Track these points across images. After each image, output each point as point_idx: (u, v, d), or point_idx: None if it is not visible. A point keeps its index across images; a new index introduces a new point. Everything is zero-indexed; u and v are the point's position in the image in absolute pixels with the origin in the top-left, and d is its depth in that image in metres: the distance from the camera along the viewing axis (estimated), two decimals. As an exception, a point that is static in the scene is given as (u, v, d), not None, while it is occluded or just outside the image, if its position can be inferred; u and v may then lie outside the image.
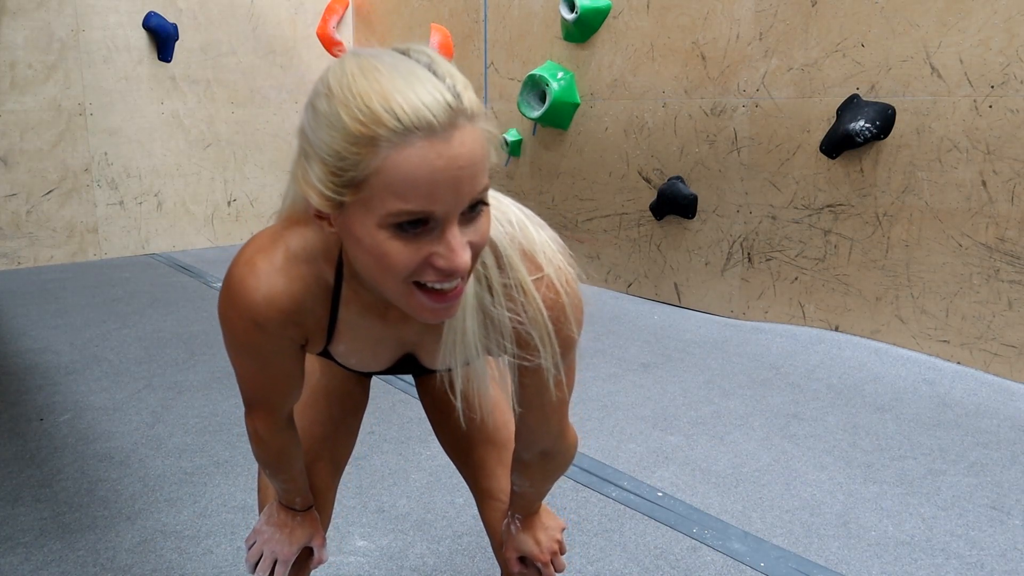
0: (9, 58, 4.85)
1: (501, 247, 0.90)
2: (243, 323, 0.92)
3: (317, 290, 0.93)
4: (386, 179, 0.72)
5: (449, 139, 0.72)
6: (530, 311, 0.91)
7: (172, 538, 1.96)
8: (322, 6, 5.92)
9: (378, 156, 0.72)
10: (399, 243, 0.75)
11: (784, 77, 3.37)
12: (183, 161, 5.55)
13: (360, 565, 1.85)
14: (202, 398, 2.86)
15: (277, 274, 0.90)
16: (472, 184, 0.74)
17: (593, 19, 4.06)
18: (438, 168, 0.72)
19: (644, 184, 4.02)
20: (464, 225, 0.77)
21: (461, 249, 0.75)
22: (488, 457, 1.28)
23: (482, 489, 1.28)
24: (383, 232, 0.75)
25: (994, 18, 2.74)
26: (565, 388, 1.02)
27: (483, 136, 0.76)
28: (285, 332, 0.94)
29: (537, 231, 0.93)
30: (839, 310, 3.33)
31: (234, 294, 0.92)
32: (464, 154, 0.73)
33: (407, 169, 0.72)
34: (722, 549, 1.90)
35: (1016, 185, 2.76)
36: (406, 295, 0.80)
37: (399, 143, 0.71)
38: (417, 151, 0.71)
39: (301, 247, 0.92)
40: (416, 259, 0.76)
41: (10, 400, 2.84)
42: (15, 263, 5.05)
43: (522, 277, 0.90)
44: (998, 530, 1.98)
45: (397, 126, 0.71)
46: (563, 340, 0.94)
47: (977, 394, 2.78)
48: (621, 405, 2.80)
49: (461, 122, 0.73)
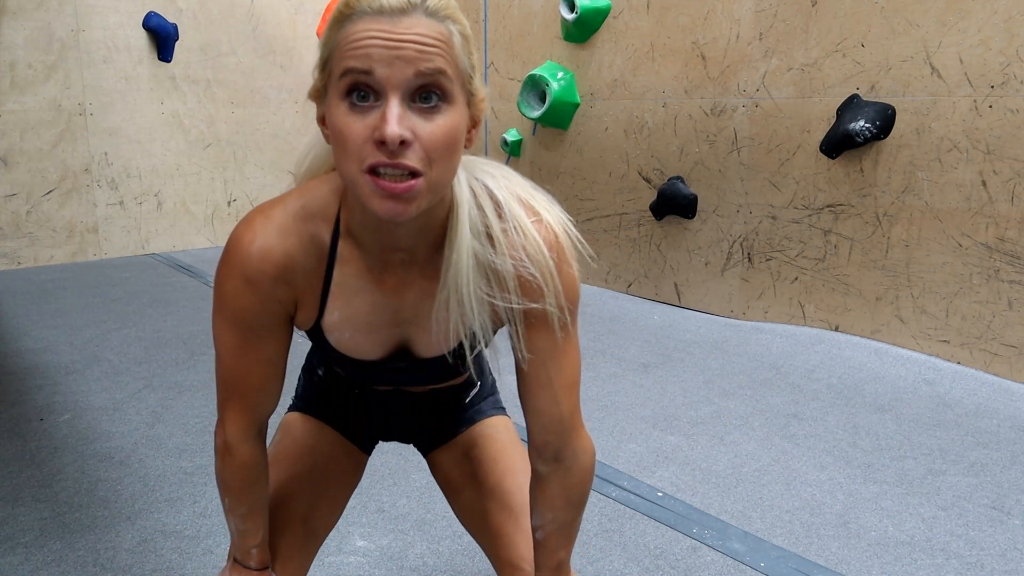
0: (9, 58, 4.85)
1: (500, 196, 0.94)
2: (234, 281, 0.94)
3: (312, 248, 0.96)
4: (340, 48, 0.82)
5: (396, 21, 0.80)
6: (531, 249, 0.93)
7: (172, 538, 1.96)
8: (322, 6, 5.91)
9: (340, 32, 0.82)
10: (350, 117, 0.81)
11: (784, 77, 3.37)
12: (183, 161, 5.55)
13: (360, 565, 1.85)
14: (202, 398, 2.86)
15: (273, 229, 0.94)
16: (418, 61, 0.80)
17: (593, 19, 4.06)
18: (377, 35, 0.79)
19: (644, 184, 4.02)
20: (417, 114, 0.81)
21: (394, 120, 0.79)
22: (505, 524, 1.20)
23: (502, 560, 1.20)
24: (342, 105, 0.82)
25: (994, 18, 2.74)
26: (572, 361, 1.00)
27: (443, 32, 0.82)
28: (276, 292, 0.96)
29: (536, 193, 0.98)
30: (839, 310, 3.34)
31: (230, 250, 0.95)
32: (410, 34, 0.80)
33: (351, 35, 0.81)
34: (722, 549, 1.90)
35: (1016, 185, 2.76)
36: (362, 184, 0.83)
37: (355, 19, 0.81)
38: (363, 23, 0.80)
39: (299, 206, 0.96)
40: (362, 131, 0.81)
41: (10, 400, 2.84)
42: (15, 263, 5.05)
43: (521, 217, 0.94)
44: (998, 530, 1.98)
45: (356, 6, 0.81)
46: (565, 278, 0.95)
47: (977, 394, 2.78)
48: (621, 405, 2.80)
49: (415, 13, 0.80)
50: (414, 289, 0.99)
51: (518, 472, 1.23)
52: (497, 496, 1.22)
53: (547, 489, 1.06)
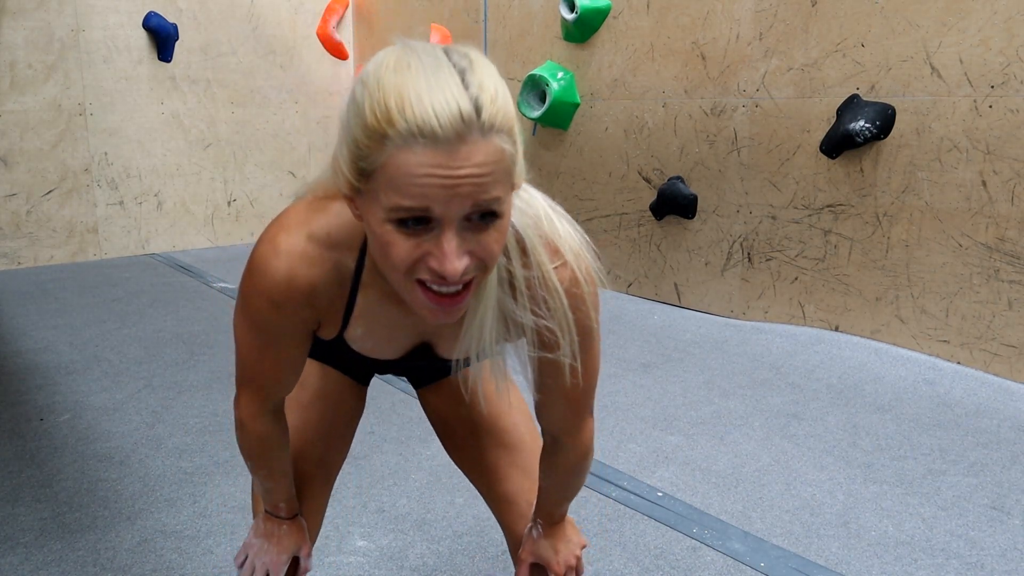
0: (9, 58, 4.85)
1: (528, 243, 0.92)
2: (261, 300, 0.95)
3: (336, 276, 0.96)
4: (388, 175, 0.75)
5: (453, 152, 0.73)
6: (550, 298, 0.93)
7: (172, 538, 1.96)
8: (322, 6, 5.92)
9: (384, 152, 0.74)
10: (401, 237, 0.77)
11: (784, 77, 3.37)
12: (183, 161, 5.55)
13: (360, 565, 1.85)
14: (202, 398, 2.86)
15: (298, 257, 0.93)
16: (475, 194, 0.75)
17: (593, 19, 4.06)
18: (436, 174, 0.73)
19: (644, 184, 4.02)
20: (468, 232, 0.78)
21: (453, 255, 0.76)
22: (500, 460, 1.26)
23: (497, 494, 1.26)
24: (386, 226, 0.77)
25: (994, 18, 2.74)
26: (586, 377, 1.03)
27: (498, 151, 0.76)
28: (300, 314, 0.97)
29: (561, 223, 0.96)
30: (839, 310, 3.34)
31: (256, 272, 0.95)
32: (468, 166, 0.73)
33: (406, 170, 0.73)
34: (722, 549, 1.90)
35: (1016, 185, 2.76)
36: (409, 290, 0.82)
37: (403, 145, 0.73)
38: (416, 156, 0.73)
39: (325, 233, 0.94)
40: (414, 255, 0.78)
41: (10, 400, 2.84)
42: (15, 263, 5.05)
43: (545, 266, 0.92)
44: (998, 530, 1.98)
45: (403, 128, 0.72)
46: (581, 327, 0.96)
47: (977, 394, 2.78)
48: (621, 405, 2.80)
49: (472, 136, 0.73)
50: None
51: (513, 411, 1.27)
52: (494, 434, 1.27)
53: (548, 459, 1.14)
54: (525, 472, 1.25)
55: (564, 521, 1.22)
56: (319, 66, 5.98)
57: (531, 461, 1.25)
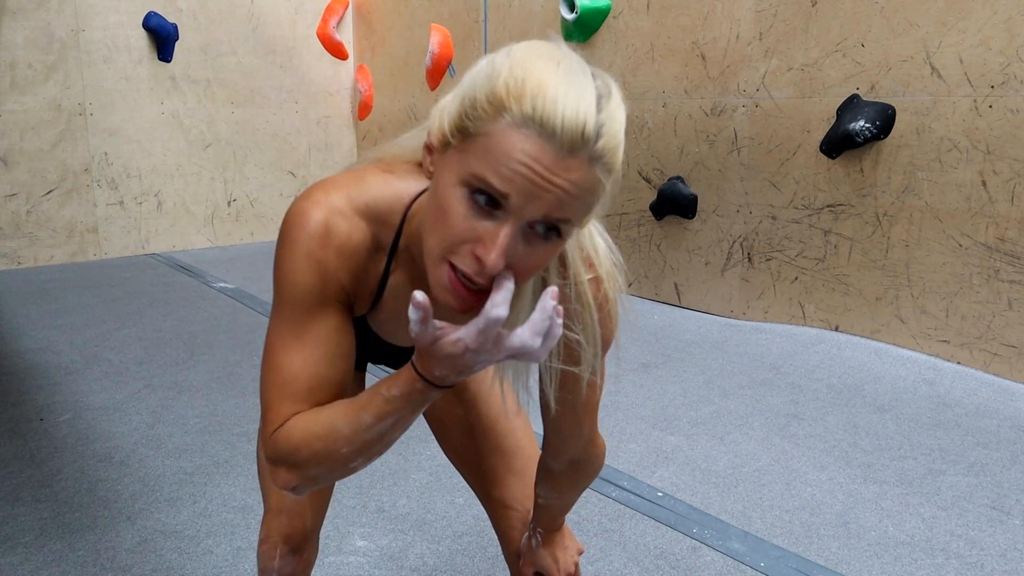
0: (9, 58, 4.85)
1: (568, 254, 0.91)
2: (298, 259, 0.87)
3: (372, 247, 0.92)
4: (489, 145, 0.74)
5: (560, 158, 0.72)
6: (582, 311, 0.92)
7: (172, 538, 1.96)
8: (322, 6, 5.92)
9: (497, 123, 0.73)
10: (464, 207, 0.76)
11: (784, 77, 3.37)
12: (183, 161, 5.55)
13: (360, 565, 1.85)
14: (202, 398, 2.86)
15: (336, 213, 0.89)
16: (555, 207, 0.74)
17: (593, 19, 4.06)
18: (534, 168, 0.73)
19: (644, 184, 4.02)
20: (526, 240, 0.76)
21: (503, 249, 0.75)
22: (497, 465, 1.26)
23: (494, 499, 1.26)
24: (459, 190, 0.76)
25: (994, 18, 2.74)
26: (598, 391, 1.03)
27: (594, 181, 0.75)
28: (338, 273, 0.89)
29: (600, 240, 0.95)
30: (839, 310, 3.33)
31: (291, 226, 0.88)
32: (564, 178, 0.73)
33: (508, 148, 0.73)
34: (722, 549, 1.90)
35: (1016, 185, 2.76)
36: (437, 266, 0.79)
37: (519, 126, 0.73)
38: (526, 143, 0.72)
39: (363, 203, 0.91)
40: (467, 233, 0.76)
41: (10, 400, 2.84)
42: (15, 263, 5.05)
43: (580, 277, 0.91)
44: (998, 530, 1.98)
45: (528, 112, 0.72)
46: (606, 341, 0.97)
47: (977, 394, 2.78)
48: (621, 405, 2.80)
49: (581, 154, 0.73)
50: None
51: (511, 415, 1.27)
52: (490, 438, 1.26)
53: (557, 478, 1.13)
54: (522, 478, 1.25)
55: (562, 529, 1.23)
56: (319, 66, 5.98)
57: (528, 467, 1.25)
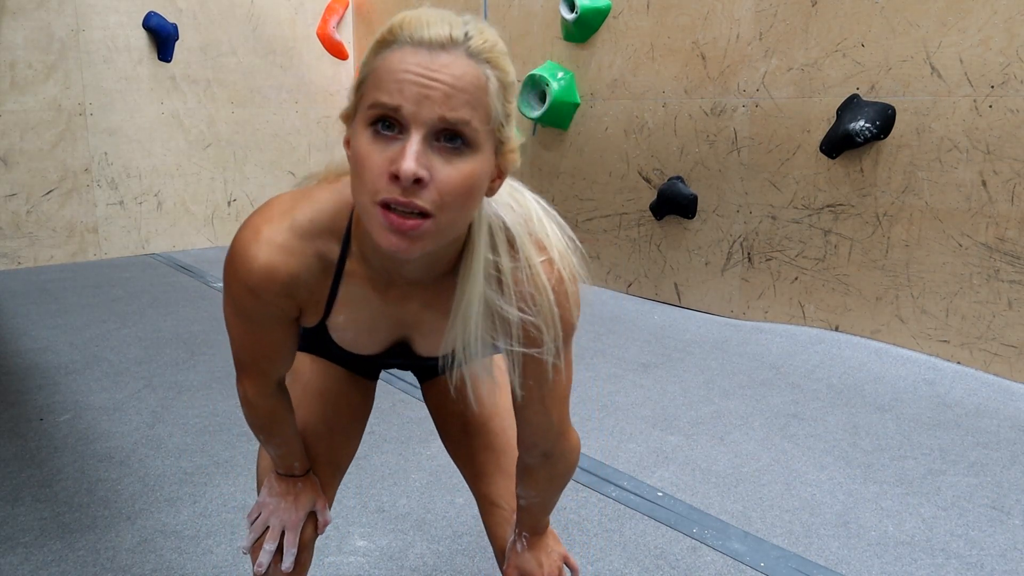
0: (9, 58, 4.85)
1: (517, 238, 0.95)
2: (240, 288, 0.97)
3: (317, 266, 0.98)
4: (374, 77, 0.82)
5: (434, 56, 0.79)
6: (536, 293, 0.94)
7: (172, 538, 1.96)
8: (322, 6, 5.92)
9: (378, 58, 0.82)
10: (372, 145, 0.81)
11: (784, 77, 3.37)
12: (183, 161, 5.55)
13: (360, 565, 1.85)
14: (202, 398, 2.86)
15: (277, 250, 0.95)
16: (445, 104, 0.79)
17: (593, 19, 4.06)
18: (412, 71, 0.79)
19: (644, 184, 4.02)
20: (437, 155, 0.80)
21: (412, 156, 0.78)
22: (488, 463, 1.28)
23: (482, 495, 1.29)
24: (366, 132, 0.81)
25: (994, 18, 2.74)
26: (564, 379, 1.04)
27: (479, 76, 0.81)
28: (278, 303, 0.99)
29: (549, 223, 0.98)
30: (839, 310, 3.34)
31: (236, 259, 0.97)
32: (444, 73, 0.79)
33: (388, 67, 0.80)
34: (722, 549, 1.90)
35: (1016, 185, 2.76)
36: (371, 212, 0.82)
37: (395, 49, 0.80)
38: (401, 55, 0.80)
39: (308, 220, 0.97)
40: (381, 162, 0.80)
41: (10, 400, 2.84)
42: (15, 263, 5.05)
43: (532, 259, 0.95)
44: (998, 530, 1.98)
45: (399, 34, 0.80)
46: (565, 323, 0.98)
47: (977, 394, 2.78)
48: (621, 405, 2.80)
49: (455, 50, 0.80)
50: (417, 301, 1.02)
51: (505, 414, 1.29)
52: (482, 436, 1.29)
53: (533, 475, 1.14)
54: (510, 477, 1.26)
55: (547, 532, 1.24)
56: (319, 66, 5.98)
57: None
